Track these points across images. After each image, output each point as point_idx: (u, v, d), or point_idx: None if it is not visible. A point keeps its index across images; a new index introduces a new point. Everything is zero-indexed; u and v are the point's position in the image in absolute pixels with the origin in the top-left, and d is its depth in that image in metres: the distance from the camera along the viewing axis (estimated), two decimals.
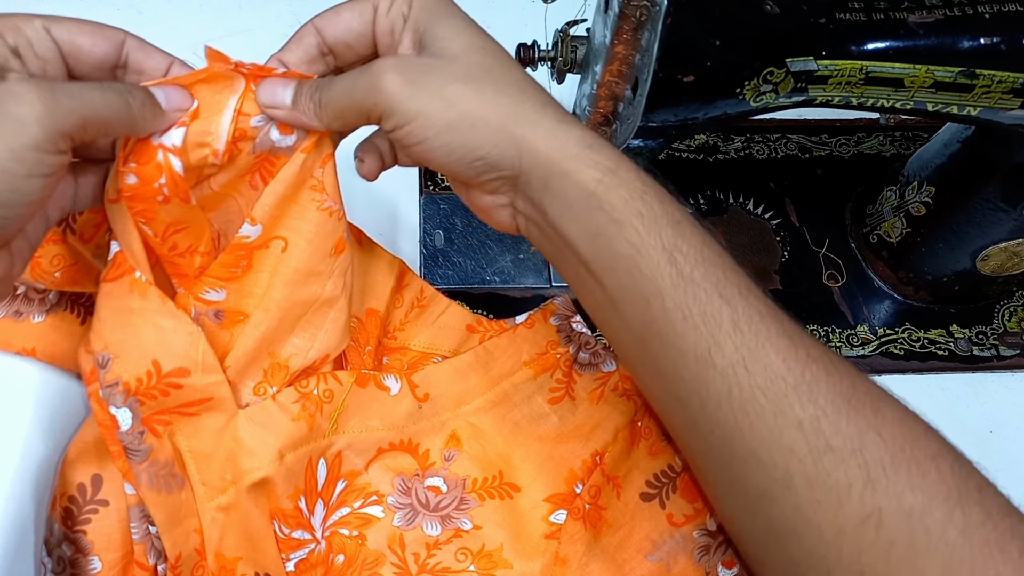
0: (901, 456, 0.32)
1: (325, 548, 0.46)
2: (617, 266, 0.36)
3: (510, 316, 0.58)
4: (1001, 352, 0.59)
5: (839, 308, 0.60)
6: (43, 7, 0.70)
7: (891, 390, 0.36)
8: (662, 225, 0.35)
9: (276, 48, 0.42)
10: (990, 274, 0.56)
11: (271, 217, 0.42)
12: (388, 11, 0.38)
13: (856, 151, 0.67)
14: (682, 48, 0.39)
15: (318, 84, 0.38)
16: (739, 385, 0.34)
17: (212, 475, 0.43)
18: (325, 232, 0.43)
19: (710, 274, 0.35)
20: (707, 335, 0.35)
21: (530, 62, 0.46)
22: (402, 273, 0.53)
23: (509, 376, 0.50)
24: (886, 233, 0.59)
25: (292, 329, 0.45)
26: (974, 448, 0.55)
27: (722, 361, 0.34)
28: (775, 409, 0.33)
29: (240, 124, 0.39)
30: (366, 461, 0.47)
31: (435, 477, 0.48)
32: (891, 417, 0.33)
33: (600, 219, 0.35)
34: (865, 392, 0.34)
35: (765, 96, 0.42)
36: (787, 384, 0.34)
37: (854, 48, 0.41)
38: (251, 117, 0.40)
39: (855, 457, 0.32)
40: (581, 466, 0.48)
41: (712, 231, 0.37)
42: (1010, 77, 0.42)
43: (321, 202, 0.43)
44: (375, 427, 0.47)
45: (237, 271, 0.43)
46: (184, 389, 0.42)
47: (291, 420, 0.44)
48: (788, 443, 0.33)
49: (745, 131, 0.67)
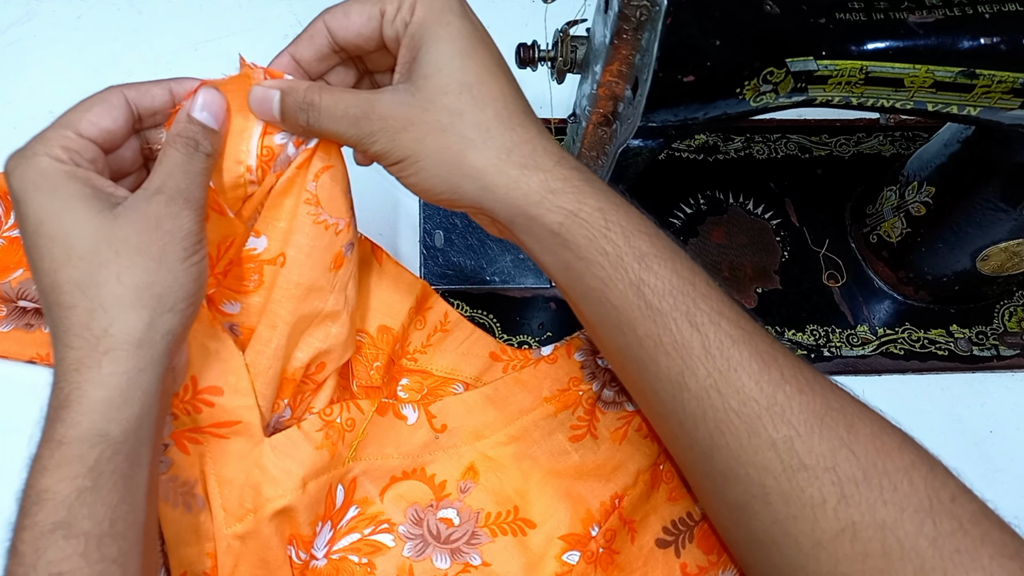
0: (874, 470, 0.34)
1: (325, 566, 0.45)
2: (589, 296, 0.38)
3: (510, 316, 0.58)
4: (1001, 352, 0.59)
5: (839, 308, 0.60)
6: (43, 7, 0.70)
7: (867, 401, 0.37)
8: (627, 261, 0.37)
9: (275, 49, 0.42)
10: (990, 274, 0.56)
11: (276, 229, 0.43)
12: (393, 20, 0.39)
13: (856, 151, 0.67)
14: (682, 48, 0.39)
15: (307, 105, 0.39)
16: (713, 407, 0.36)
17: (232, 502, 0.44)
18: (322, 246, 0.43)
19: (680, 303, 0.37)
20: (679, 361, 0.36)
21: (530, 62, 0.46)
22: (425, 295, 0.53)
23: (529, 412, 0.49)
24: (886, 233, 0.59)
25: (297, 344, 0.45)
26: (974, 448, 0.55)
27: (695, 385, 0.36)
28: (749, 430, 0.35)
29: (266, 142, 0.40)
30: (380, 488, 0.47)
31: (449, 509, 0.47)
32: (864, 432, 0.35)
33: (568, 256, 0.38)
34: (839, 409, 0.35)
35: (765, 96, 0.42)
36: (760, 406, 0.35)
37: (854, 48, 0.41)
38: (275, 135, 0.41)
39: (828, 474, 0.34)
40: (599, 507, 0.47)
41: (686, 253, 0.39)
42: (1010, 77, 0.42)
43: (316, 215, 0.43)
44: (390, 455, 0.47)
45: (249, 285, 0.44)
46: (215, 408, 0.43)
47: (315, 449, 0.45)
48: (763, 462, 0.35)
49: (745, 131, 0.67)
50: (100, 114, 0.37)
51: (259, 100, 0.40)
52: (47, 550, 0.33)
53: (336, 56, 0.41)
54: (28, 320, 0.53)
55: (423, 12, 0.38)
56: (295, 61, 0.41)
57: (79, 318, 0.35)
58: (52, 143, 0.36)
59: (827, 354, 0.58)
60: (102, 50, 0.68)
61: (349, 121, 0.39)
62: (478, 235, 0.61)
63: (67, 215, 0.35)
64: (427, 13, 0.38)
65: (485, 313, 0.58)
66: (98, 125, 0.37)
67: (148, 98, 0.40)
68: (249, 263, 0.43)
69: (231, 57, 0.42)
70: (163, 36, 0.69)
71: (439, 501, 0.47)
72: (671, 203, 0.63)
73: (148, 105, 0.40)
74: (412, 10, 0.38)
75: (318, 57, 0.41)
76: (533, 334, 0.57)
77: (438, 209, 0.61)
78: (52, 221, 0.35)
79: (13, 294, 0.51)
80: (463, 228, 0.61)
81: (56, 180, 0.35)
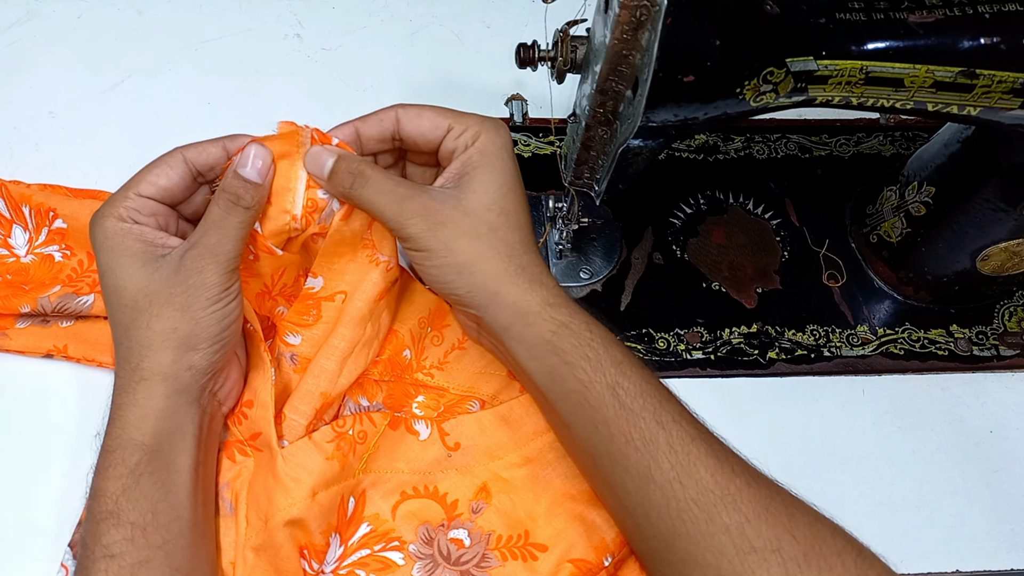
0: (812, 553, 0.38)
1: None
2: (569, 398, 0.43)
3: None
4: (1001, 352, 0.59)
5: (839, 308, 0.60)
6: (43, 7, 0.70)
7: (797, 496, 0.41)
8: (606, 366, 0.43)
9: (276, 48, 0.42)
10: (990, 274, 0.56)
11: (332, 271, 0.48)
12: (457, 137, 0.46)
13: (856, 151, 0.67)
14: (682, 48, 0.39)
15: (357, 173, 0.45)
16: (675, 497, 0.40)
17: (253, 515, 0.46)
18: (374, 281, 0.48)
19: (648, 404, 0.42)
20: (647, 455, 0.41)
21: (530, 62, 0.46)
22: (442, 312, 0.53)
23: (544, 434, 0.49)
24: (886, 233, 0.59)
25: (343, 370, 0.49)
26: (974, 448, 0.56)
27: (660, 477, 0.41)
28: (706, 517, 0.39)
29: (310, 195, 0.46)
30: (391, 505, 0.47)
31: (460, 529, 0.47)
32: (803, 521, 0.40)
33: (554, 361, 0.44)
34: (780, 500, 0.40)
35: (765, 96, 0.42)
36: (715, 495, 0.40)
37: (854, 48, 0.41)
38: (318, 190, 0.46)
39: (775, 556, 0.38)
40: (615, 537, 0.47)
41: (650, 367, 0.45)
42: (1010, 77, 0.42)
43: (372, 255, 0.48)
44: (400, 469, 0.48)
45: (308, 319, 0.49)
46: (248, 420, 0.48)
47: (325, 459, 0.46)
48: (718, 546, 0.39)
49: (745, 131, 0.67)
50: (159, 174, 0.44)
51: (314, 159, 0.46)
52: (101, 536, 0.40)
53: (391, 143, 0.48)
54: (44, 317, 0.54)
55: (484, 143, 0.46)
56: (357, 133, 0.47)
57: (123, 353, 0.43)
58: (116, 204, 0.43)
59: (827, 354, 0.58)
60: (102, 50, 0.68)
61: (393, 198, 0.45)
62: None
63: (120, 269, 0.43)
64: (487, 145, 0.46)
65: None
66: (156, 184, 0.44)
67: (204, 156, 0.45)
68: (308, 300, 0.48)
69: (231, 57, 0.42)
70: (163, 36, 0.69)
71: (450, 521, 0.47)
72: (671, 203, 0.63)
73: (204, 161, 0.45)
74: (475, 137, 0.46)
75: (379, 138, 0.48)
76: None
77: None
78: (110, 274, 0.43)
79: (50, 308, 0.53)
80: None
81: (116, 238, 0.43)
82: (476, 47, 0.70)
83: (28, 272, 0.54)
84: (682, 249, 0.61)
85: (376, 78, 0.68)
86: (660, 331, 0.58)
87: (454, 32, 0.71)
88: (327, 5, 0.72)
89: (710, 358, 0.57)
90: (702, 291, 0.60)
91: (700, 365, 0.57)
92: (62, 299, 0.52)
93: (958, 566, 0.51)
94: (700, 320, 0.59)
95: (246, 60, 0.67)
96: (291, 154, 0.46)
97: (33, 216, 0.56)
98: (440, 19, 0.72)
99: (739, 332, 0.58)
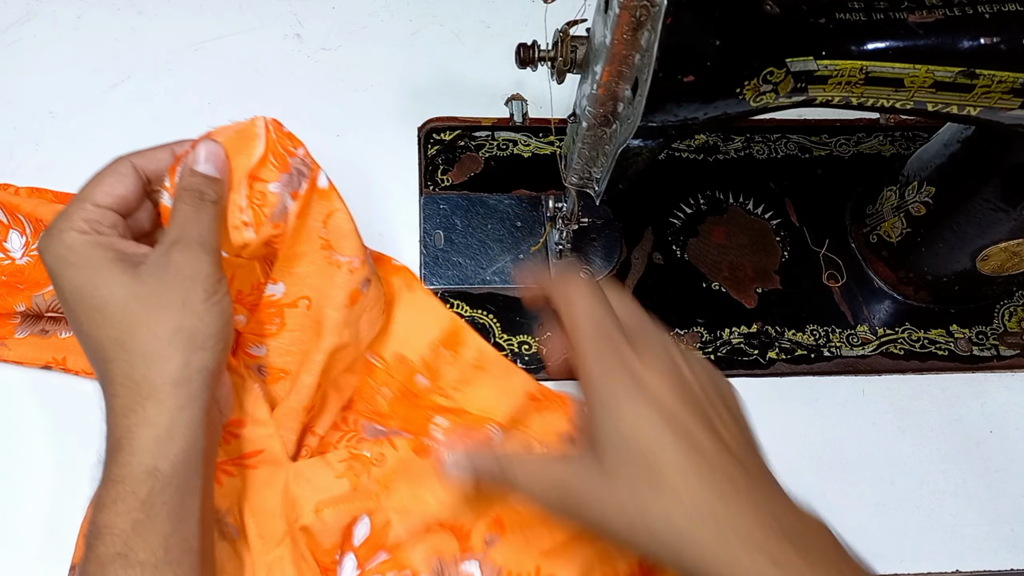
0: None
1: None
2: None
3: (510, 316, 0.58)
4: (1001, 352, 0.59)
5: (839, 308, 0.60)
6: (43, 7, 0.70)
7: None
8: None
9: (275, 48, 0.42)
10: (990, 274, 0.56)
11: (293, 276, 0.46)
12: None
13: (856, 151, 0.67)
14: (682, 48, 0.39)
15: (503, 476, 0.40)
16: None
17: (267, 528, 0.45)
18: (337, 284, 0.46)
19: None
20: None
21: (530, 62, 0.46)
22: (456, 330, 0.53)
23: None
24: (886, 233, 0.59)
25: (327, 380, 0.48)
26: (974, 448, 0.56)
27: None
28: None
29: (257, 187, 0.43)
30: (413, 536, 0.46)
31: (471, 561, 0.46)
32: None
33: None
34: None
35: (765, 96, 0.42)
36: None
37: (854, 48, 0.41)
38: (268, 183, 0.43)
39: None
40: (627, 568, 0.46)
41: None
42: (1010, 77, 0.42)
43: (328, 256, 0.46)
44: (428, 501, 0.47)
45: (272, 328, 0.47)
46: (240, 439, 0.46)
47: (335, 477, 0.46)
48: None
49: (745, 131, 0.67)
50: (113, 183, 0.41)
51: (452, 469, 0.41)
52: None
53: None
54: (43, 326, 0.53)
55: None
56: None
57: (120, 369, 0.39)
58: (74, 218, 0.40)
59: (827, 354, 0.58)
60: (102, 50, 0.68)
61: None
62: (478, 235, 0.61)
63: (98, 281, 0.39)
64: None
65: (485, 313, 0.58)
66: (112, 194, 0.41)
67: (154, 162, 0.43)
68: (270, 308, 0.47)
69: (231, 57, 0.42)
70: (163, 36, 0.69)
71: (463, 553, 0.46)
72: (671, 203, 0.63)
73: (155, 169, 0.43)
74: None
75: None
76: (533, 334, 0.57)
77: (438, 209, 0.62)
78: (86, 289, 0.39)
79: (44, 307, 0.53)
80: (463, 228, 0.61)
81: (83, 251, 0.39)
82: (476, 47, 0.70)
83: (24, 273, 0.54)
84: (682, 249, 0.61)
85: (376, 78, 0.68)
86: None
87: (454, 32, 0.71)
88: (327, 5, 0.72)
89: (710, 358, 0.57)
90: (702, 291, 0.60)
91: None
92: (55, 298, 0.52)
93: (958, 566, 0.51)
94: (700, 320, 0.59)
95: (246, 60, 0.67)
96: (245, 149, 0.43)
97: (28, 221, 0.56)
98: (440, 19, 0.72)
99: (739, 332, 0.58)
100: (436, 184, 0.63)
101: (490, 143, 0.65)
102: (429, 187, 0.63)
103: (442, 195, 0.62)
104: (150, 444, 0.38)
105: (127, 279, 0.39)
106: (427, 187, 0.63)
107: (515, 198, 0.63)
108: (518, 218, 0.62)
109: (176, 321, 0.39)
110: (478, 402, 0.51)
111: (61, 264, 0.40)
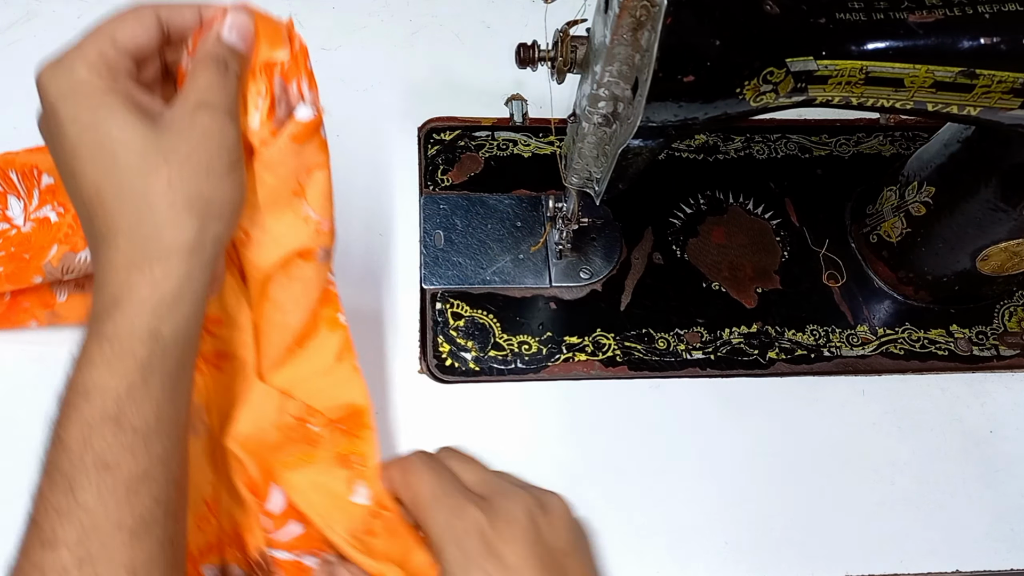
0: None
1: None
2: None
3: (510, 316, 0.58)
4: (1001, 352, 0.59)
5: (839, 308, 0.60)
6: (43, 7, 0.70)
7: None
8: None
9: None
10: (990, 274, 0.56)
11: (252, 208, 0.42)
12: None
13: (856, 151, 0.67)
14: (682, 48, 0.39)
15: None
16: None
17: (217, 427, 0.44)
18: (295, 232, 0.42)
19: None
20: None
21: (530, 62, 0.46)
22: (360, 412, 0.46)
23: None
24: (886, 233, 0.59)
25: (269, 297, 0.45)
26: (974, 448, 0.56)
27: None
28: None
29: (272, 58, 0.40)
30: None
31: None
32: None
33: None
34: None
35: (765, 96, 0.42)
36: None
37: (854, 48, 0.41)
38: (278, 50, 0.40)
39: None
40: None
41: None
42: (1010, 77, 0.42)
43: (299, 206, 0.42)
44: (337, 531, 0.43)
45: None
46: (214, 338, 0.44)
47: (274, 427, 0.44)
48: None
49: (745, 131, 0.67)
50: (136, 29, 0.37)
51: None
52: (95, 442, 0.33)
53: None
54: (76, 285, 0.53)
55: None
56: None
57: (127, 221, 0.35)
58: (90, 53, 0.36)
59: (827, 354, 0.58)
60: None
61: None
62: (478, 235, 0.61)
63: (112, 123, 0.35)
64: None
65: (485, 313, 0.58)
66: (134, 39, 0.37)
67: (179, 19, 0.39)
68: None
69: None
70: None
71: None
72: (671, 203, 0.63)
73: (179, 26, 0.39)
74: None
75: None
76: (533, 334, 0.57)
77: (438, 209, 0.62)
78: (96, 130, 0.35)
79: (57, 272, 0.51)
80: (463, 228, 0.61)
81: (96, 90, 0.35)
82: (476, 47, 0.70)
83: (30, 240, 0.53)
84: (682, 249, 0.61)
85: (376, 78, 0.68)
86: (660, 331, 0.58)
87: (454, 32, 0.71)
88: (327, 5, 0.72)
89: (710, 358, 0.57)
90: (702, 291, 0.60)
91: (700, 365, 0.57)
92: (63, 260, 0.51)
93: (958, 566, 0.51)
94: (700, 320, 0.59)
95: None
96: (270, 40, 0.40)
97: (22, 180, 0.55)
98: (440, 19, 0.72)
99: (739, 332, 0.58)
100: (436, 184, 0.63)
101: (490, 143, 0.65)
102: (429, 187, 0.63)
103: (442, 195, 0.62)
104: (153, 306, 0.35)
105: (145, 128, 0.35)
106: (427, 187, 0.63)
107: (515, 198, 0.63)
108: (518, 218, 0.62)
109: (198, 185, 0.36)
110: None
111: (68, 99, 0.36)
